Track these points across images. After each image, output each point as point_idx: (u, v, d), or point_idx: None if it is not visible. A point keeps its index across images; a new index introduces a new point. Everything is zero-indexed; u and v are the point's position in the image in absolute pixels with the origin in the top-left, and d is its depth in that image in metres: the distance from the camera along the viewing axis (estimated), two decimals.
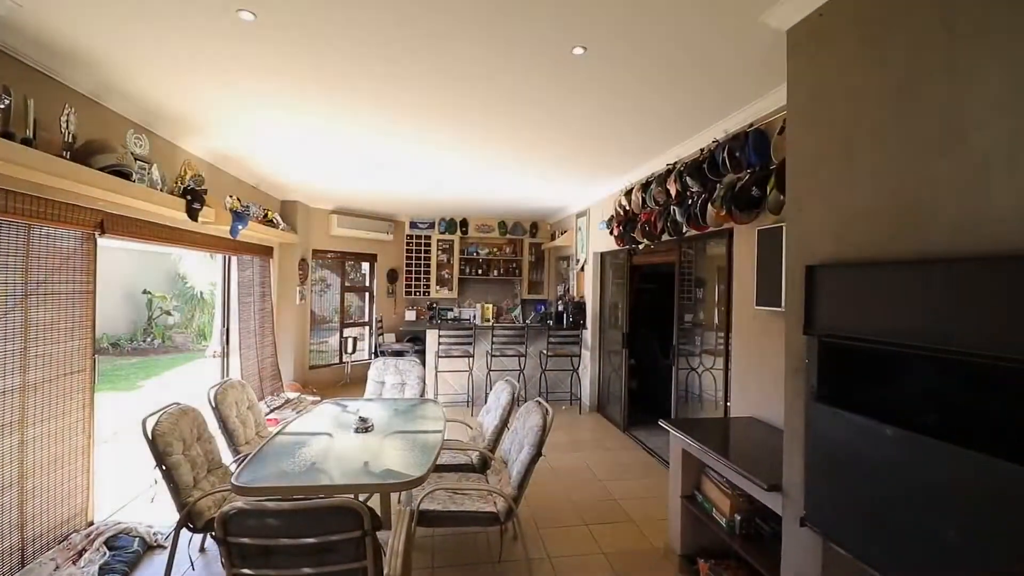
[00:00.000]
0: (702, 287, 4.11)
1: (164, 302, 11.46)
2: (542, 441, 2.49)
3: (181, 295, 11.88)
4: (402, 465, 2.39)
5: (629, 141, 3.95)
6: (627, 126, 3.59)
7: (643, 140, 3.91)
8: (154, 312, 11.34)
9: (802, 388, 1.87)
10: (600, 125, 3.58)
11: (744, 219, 3.02)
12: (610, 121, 3.49)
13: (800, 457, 1.88)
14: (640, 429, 5.28)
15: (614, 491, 3.77)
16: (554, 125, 3.65)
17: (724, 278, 3.56)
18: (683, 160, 3.85)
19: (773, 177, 2.70)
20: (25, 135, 2.18)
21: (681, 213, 3.70)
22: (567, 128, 3.68)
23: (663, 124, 3.53)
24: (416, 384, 4.09)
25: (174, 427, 2.43)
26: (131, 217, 3.24)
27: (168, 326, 11.61)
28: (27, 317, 2.51)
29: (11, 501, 2.44)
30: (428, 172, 5.15)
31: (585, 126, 3.62)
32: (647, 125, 3.56)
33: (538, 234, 8.64)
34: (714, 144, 3.37)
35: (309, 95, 3.14)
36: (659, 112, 3.30)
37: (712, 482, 2.62)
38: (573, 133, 3.80)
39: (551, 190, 6.08)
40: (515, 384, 3.27)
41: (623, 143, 4.01)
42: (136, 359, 9.76)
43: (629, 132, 3.74)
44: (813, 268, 1.81)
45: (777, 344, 2.80)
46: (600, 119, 3.46)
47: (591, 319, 6.20)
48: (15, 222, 2.40)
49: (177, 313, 11.82)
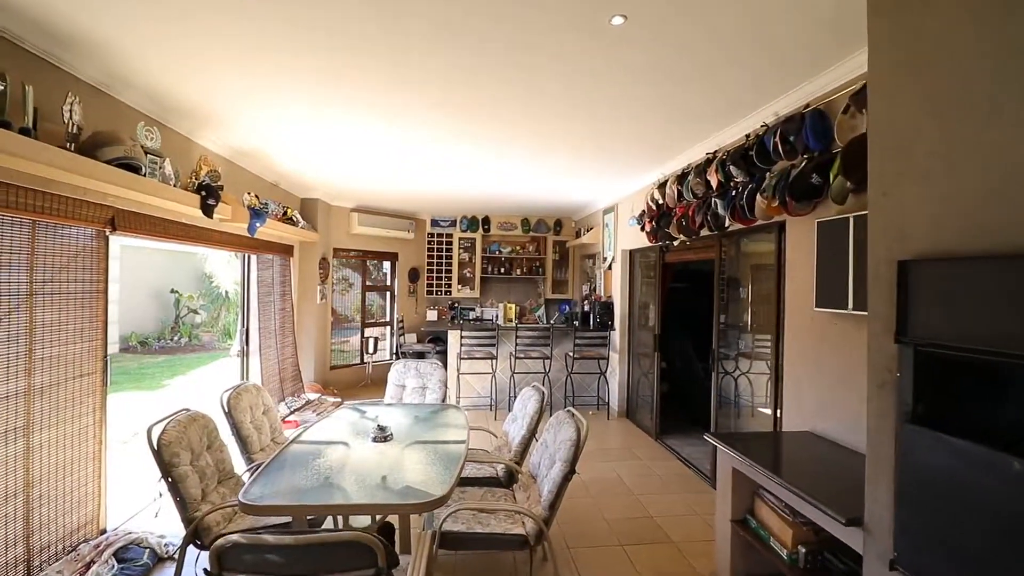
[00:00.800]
0: (746, 286, 3.80)
1: (191, 301, 11.59)
2: (576, 457, 2.25)
3: (207, 294, 12.00)
4: (423, 481, 2.18)
5: (664, 129, 3.67)
6: (663, 110, 3.30)
7: (680, 127, 3.62)
8: (181, 311, 11.48)
9: (891, 406, 1.59)
10: (633, 111, 3.31)
11: (800, 210, 2.72)
12: (645, 105, 3.21)
13: (888, 488, 1.59)
14: (673, 437, 4.99)
15: (649, 506, 3.49)
16: (582, 116, 3.41)
17: (773, 276, 3.26)
18: (725, 148, 3.55)
19: (838, 161, 2.40)
20: (24, 125, 2.03)
21: (723, 206, 3.41)
22: (596, 116, 3.43)
23: (705, 107, 3.24)
24: (438, 388, 3.89)
25: (181, 436, 2.27)
26: (144, 214, 3.12)
27: (195, 325, 11.73)
28: (32, 318, 2.38)
29: (16, 511, 2.31)
30: (450, 166, 4.95)
31: (617, 113, 3.35)
32: (686, 109, 3.27)
33: (562, 231, 8.38)
34: (763, 129, 3.08)
35: (330, 89, 3.02)
36: (701, 94, 3.01)
37: (768, 506, 2.34)
38: (603, 122, 3.54)
39: (577, 185, 5.82)
40: (543, 391, 3.03)
41: (658, 131, 3.73)
42: (163, 357, 9.85)
43: (664, 119, 3.47)
44: (907, 264, 1.52)
45: (841, 351, 2.51)
46: (634, 104, 3.18)
47: (619, 320, 5.92)
48: (18, 218, 2.27)
49: (204, 312, 11.94)
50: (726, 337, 3.95)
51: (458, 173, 5.23)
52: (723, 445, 2.46)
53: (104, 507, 2.88)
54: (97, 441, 2.81)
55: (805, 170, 2.63)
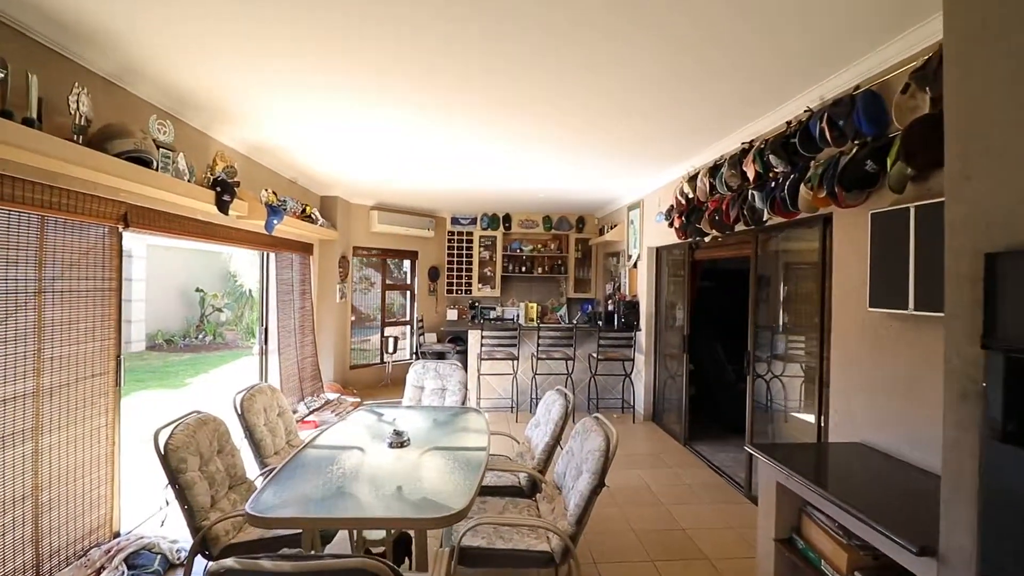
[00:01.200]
0: (784, 285, 3.56)
1: (216, 300, 11.74)
2: (605, 469, 2.07)
3: (232, 293, 12.14)
4: (441, 491, 2.04)
5: (696, 119, 3.45)
6: (695, 99, 3.10)
7: (713, 116, 3.41)
8: (206, 310, 11.64)
9: (973, 420, 1.37)
10: (661, 99, 3.12)
11: (851, 201, 2.49)
12: (673, 92, 3.01)
13: (970, 514, 1.38)
14: (702, 443, 4.76)
15: (681, 518, 3.29)
16: (611, 106, 3.24)
17: (816, 274, 3.02)
18: (763, 137, 3.32)
19: (896, 146, 2.17)
20: (27, 115, 1.96)
21: (762, 198, 3.18)
22: (625, 107, 3.25)
23: (740, 94, 3.03)
24: (457, 390, 3.75)
25: (190, 440, 2.16)
26: (158, 210, 3.05)
27: (219, 323, 11.88)
28: (41, 316, 2.31)
29: (25, 515, 2.25)
30: (473, 161, 4.82)
31: (646, 102, 3.16)
32: (720, 97, 3.06)
33: (585, 229, 8.18)
34: (807, 114, 2.84)
35: (352, 84, 2.95)
36: (736, 80, 2.81)
37: (817, 525, 2.12)
38: (631, 113, 3.35)
39: (600, 180, 5.62)
40: (568, 395, 2.86)
41: (688, 121, 3.52)
42: (187, 355, 9.98)
43: (695, 108, 3.26)
44: (997, 256, 1.31)
45: (900, 354, 2.27)
46: (661, 91, 2.99)
47: (645, 320, 5.70)
48: (25, 213, 2.20)
49: (228, 311, 12.09)
50: (760, 339, 3.72)
51: (481, 169, 5.10)
52: (767, 457, 2.25)
53: (117, 510, 2.82)
54: (110, 443, 2.75)
55: (857, 157, 2.40)
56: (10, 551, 2.17)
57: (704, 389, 5.27)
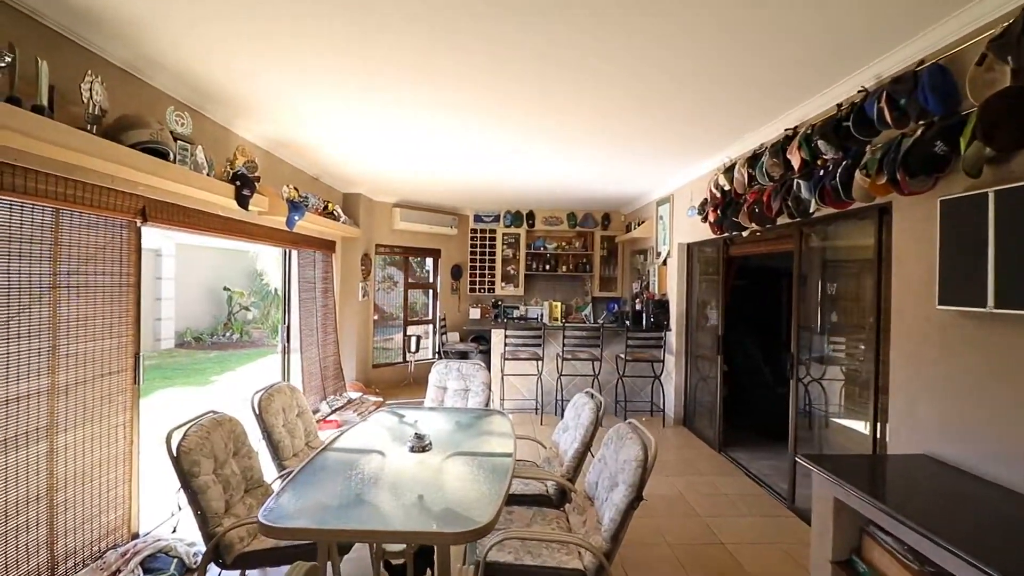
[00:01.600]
0: (831, 281, 3.32)
1: (242, 298, 11.89)
2: (643, 481, 1.90)
3: (258, 292, 12.29)
4: (465, 501, 1.89)
5: (734, 103, 3.23)
6: (733, 81, 2.89)
7: (753, 100, 3.18)
8: (233, 308, 11.79)
9: None
10: (697, 83, 2.92)
11: (917, 187, 2.25)
12: (711, 76, 2.81)
13: None
14: (738, 449, 4.51)
15: (720, 531, 3.08)
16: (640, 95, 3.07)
17: (870, 268, 2.78)
18: (809, 122, 3.08)
19: (973, 123, 1.93)
20: (37, 103, 1.88)
21: (809, 187, 2.95)
22: (656, 95, 3.07)
23: (783, 76, 2.81)
24: (481, 391, 3.61)
25: (203, 442, 2.07)
26: (177, 205, 2.99)
27: (246, 322, 12.04)
28: (56, 312, 2.25)
29: (39, 516, 2.19)
30: (497, 157, 4.68)
31: (677, 86, 2.97)
32: (761, 79, 2.85)
33: (611, 226, 7.95)
34: (861, 94, 2.61)
35: (381, 85, 2.93)
36: (779, 62, 2.62)
37: (882, 547, 1.91)
38: (662, 101, 3.17)
39: (628, 174, 5.41)
40: (599, 399, 2.68)
41: (725, 106, 3.30)
42: (214, 353, 10.10)
43: (733, 94, 3.06)
44: None
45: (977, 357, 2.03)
46: (697, 75, 2.80)
47: (675, 319, 5.46)
48: (39, 205, 2.14)
49: (254, 309, 12.23)
50: (801, 339, 3.48)
51: (505, 164, 4.97)
52: (825, 472, 2.04)
53: (136, 510, 2.77)
54: (128, 442, 2.69)
55: (924, 138, 2.16)
56: (24, 553, 2.11)
57: (738, 392, 5.02)
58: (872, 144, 2.53)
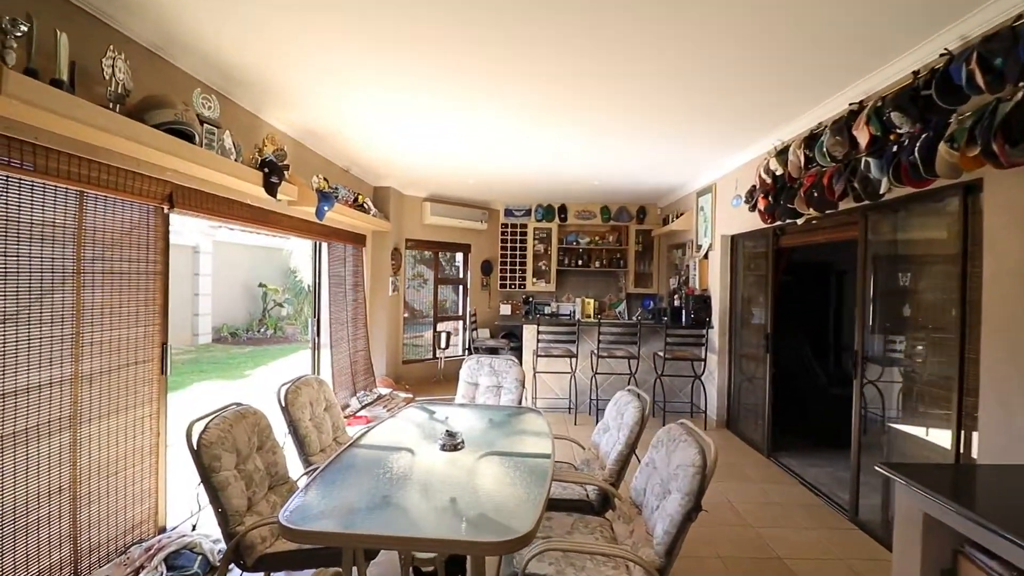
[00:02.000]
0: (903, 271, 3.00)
1: (276, 295, 12.07)
2: (702, 489, 1.69)
3: (292, 288, 12.47)
4: (501, 506, 1.72)
5: (787, 79, 2.96)
6: (786, 56, 2.64)
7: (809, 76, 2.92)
8: (268, 304, 11.99)
9: None
10: (745, 63, 2.70)
11: (1019, 157, 1.95)
12: (764, 52, 2.58)
13: None
14: (788, 455, 4.20)
15: (776, 545, 2.82)
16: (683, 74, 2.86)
17: (953, 255, 2.48)
18: (878, 94, 2.78)
19: None
20: (56, 77, 1.80)
21: (880, 166, 2.65)
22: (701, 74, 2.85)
23: (844, 49, 2.58)
24: (514, 388, 3.43)
25: (226, 435, 1.96)
26: (205, 192, 2.91)
27: (280, 317, 12.22)
28: (80, 298, 2.19)
29: (62, 508, 2.13)
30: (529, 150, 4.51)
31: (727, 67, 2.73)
32: (820, 53, 2.64)
33: (646, 219, 7.65)
34: (944, 58, 2.31)
35: (416, 72, 2.87)
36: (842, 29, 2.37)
37: (982, 570, 1.63)
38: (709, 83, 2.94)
39: (667, 165, 5.14)
40: (644, 398, 2.47)
41: (776, 84, 3.04)
42: (249, 348, 10.26)
43: (784, 69, 2.82)
44: None
45: None
46: (744, 56, 2.58)
47: (718, 316, 5.16)
48: (62, 187, 2.07)
49: (288, 305, 12.41)
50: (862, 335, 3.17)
51: (538, 157, 4.81)
52: (912, 483, 1.77)
53: (164, 504, 2.70)
54: (154, 433, 2.63)
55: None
56: (46, 546, 2.04)
57: (787, 394, 4.68)
58: (959, 113, 2.23)
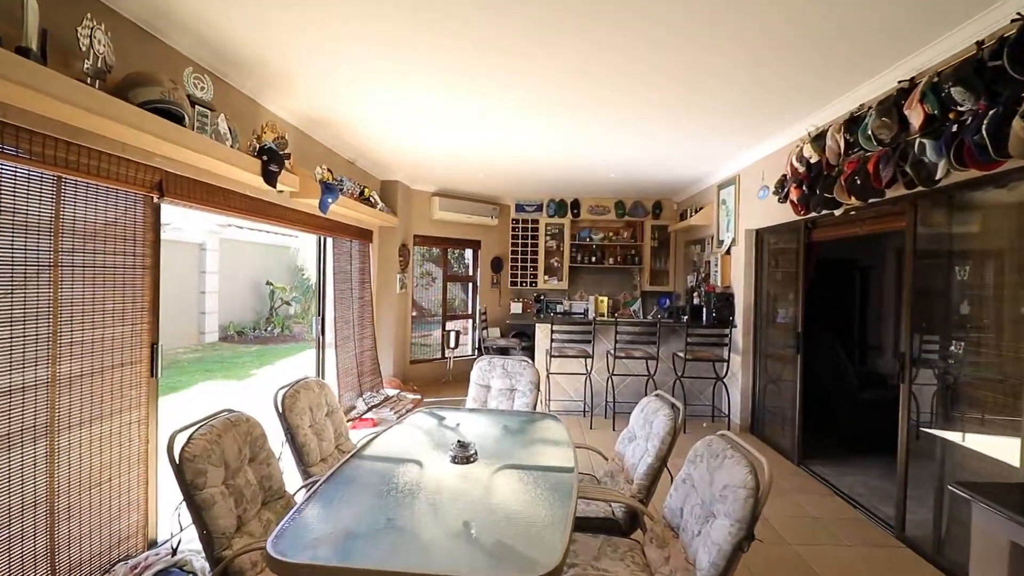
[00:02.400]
0: (954, 264, 2.73)
1: (284, 293, 11.94)
2: (756, 516, 1.45)
3: (299, 286, 12.34)
4: (522, 533, 1.50)
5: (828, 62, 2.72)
6: (827, 30, 2.39)
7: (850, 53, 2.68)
8: (275, 302, 11.86)
9: None
10: (775, 44, 2.45)
11: None
12: (802, 31, 2.35)
13: None
14: (820, 463, 3.94)
15: (816, 563, 2.57)
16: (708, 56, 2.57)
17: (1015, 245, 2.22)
18: (933, 69, 2.52)
19: None
20: (23, 44, 1.60)
21: (937, 147, 2.40)
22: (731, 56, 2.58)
23: (890, 24, 2.36)
24: (529, 391, 3.21)
25: (212, 447, 1.75)
26: (199, 181, 2.72)
27: (287, 316, 12.09)
28: (57, 294, 2.00)
29: (37, 524, 1.94)
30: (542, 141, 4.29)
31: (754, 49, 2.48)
32: (865, 26, 2.39)
33: (662, 215, 7.39)
34: (1016, 24, 2.04)
35: (426, 59, 2.73)
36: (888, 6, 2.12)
37: None
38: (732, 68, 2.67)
39: (686, 155, 4.89)
40: (677, 406, 2.23)
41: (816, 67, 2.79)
42: (256, 347, 10.13)
43: (822, 48, 2.58)
44: None
45: None
46: (776, 33, 2.33)
47: (742, 315, 4.90)
48: (35, 170, 1.88)
49: (296, 304, 12.28)
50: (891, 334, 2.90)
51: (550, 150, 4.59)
52: (995, 507, 1.53)
53: (154, 516, 2.52)
54: (143, 440, 2.44)
55: None
56: (18, 565, 1.85)
57: (818, 397, 4.41)
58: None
